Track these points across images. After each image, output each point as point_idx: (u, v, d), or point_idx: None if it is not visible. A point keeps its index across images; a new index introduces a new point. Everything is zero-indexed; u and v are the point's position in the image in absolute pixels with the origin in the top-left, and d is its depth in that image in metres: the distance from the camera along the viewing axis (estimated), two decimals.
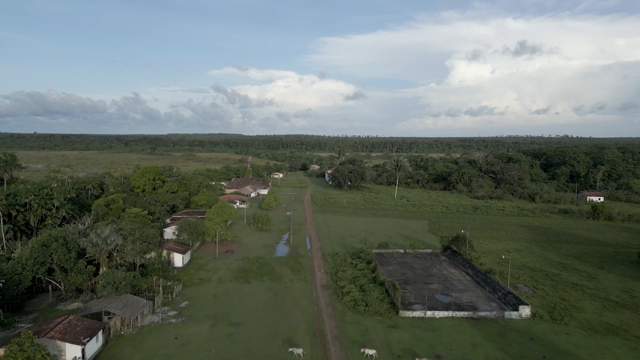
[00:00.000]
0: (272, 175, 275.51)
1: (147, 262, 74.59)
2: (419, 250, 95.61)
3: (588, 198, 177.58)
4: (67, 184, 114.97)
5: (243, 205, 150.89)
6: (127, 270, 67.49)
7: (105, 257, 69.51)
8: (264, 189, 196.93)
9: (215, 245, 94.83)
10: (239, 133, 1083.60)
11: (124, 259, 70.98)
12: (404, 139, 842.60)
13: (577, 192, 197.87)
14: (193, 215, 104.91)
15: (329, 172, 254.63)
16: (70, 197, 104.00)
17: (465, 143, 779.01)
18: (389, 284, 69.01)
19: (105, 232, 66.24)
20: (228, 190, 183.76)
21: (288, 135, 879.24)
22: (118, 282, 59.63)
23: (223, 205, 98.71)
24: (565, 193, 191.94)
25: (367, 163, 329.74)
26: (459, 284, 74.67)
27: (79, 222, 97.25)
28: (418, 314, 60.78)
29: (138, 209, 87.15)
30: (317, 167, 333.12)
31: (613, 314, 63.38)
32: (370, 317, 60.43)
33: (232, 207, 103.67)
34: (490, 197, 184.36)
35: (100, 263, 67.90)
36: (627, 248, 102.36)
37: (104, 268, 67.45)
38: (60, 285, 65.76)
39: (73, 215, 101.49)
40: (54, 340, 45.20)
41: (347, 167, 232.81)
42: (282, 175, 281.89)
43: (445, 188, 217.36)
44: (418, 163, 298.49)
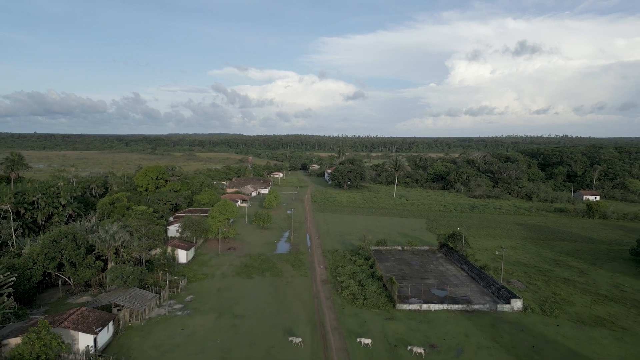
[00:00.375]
0: (272, 175, 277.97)
1: (152, 257, 77.18)
2: (417, 248, 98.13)
3: (584, 197, 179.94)
4: (72, 183, 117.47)
5: (244, 204, 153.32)
6: (134, 266, 69.94)
7: (113, 252, 72.00)
8: (265, 189, 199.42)
9: (218, 243, 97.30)
10: (239, 133, 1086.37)
11: (131, 255, 73.52)
12: (404, 139, 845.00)
13: (573, 191, 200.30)
14: (196, 214, 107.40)
15: (329, 171, 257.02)
16: (76, 195, 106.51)
17: (465, 143, 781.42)
18: (387, 279, 71.50)
19: (113, 228, 68.75)
20: (229, 190, 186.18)
21: (288, 135, 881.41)
22: (126, 276, 62.14)
23: (225, 204, 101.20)
24: (562, 192, 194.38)
25: (366, 163, 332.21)
26: (455, 279, 77.15)
27: (85, 220, 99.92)
28: (414, 307, 63.28)
29: (144, 207, 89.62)
30: (317, 166, 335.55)
31: (602, 307, 65.85)
32: (368, 309, 62.95)
33: (234, 205, 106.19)
34: (488, 196, 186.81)
35: (109, 258, 70.40)
36: (619, 245, 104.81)
37: (112, 263, 69.93)
38: (70, 280, 68.29)
39: (79, 214, 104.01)
40: (68, 330, 47.72)
41: (346, 166, 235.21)
42: (282, 175, 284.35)
43: (444, 187, 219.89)
44: (417, 163, 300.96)
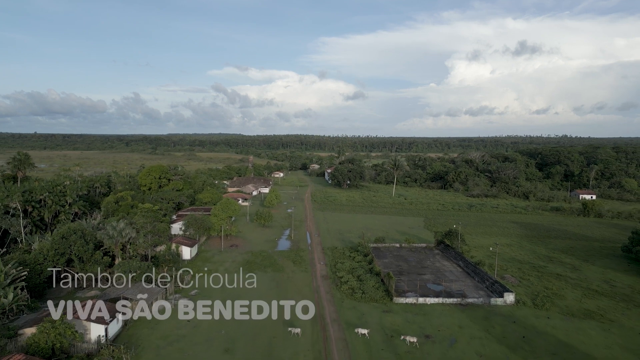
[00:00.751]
0: (272, 175, 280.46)
1: (157, 254, 79.60)
2: (414, 245, 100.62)
3: (580, 196, 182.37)
4: (77, 182, 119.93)
5: (245, 203, 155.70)
6: (140, 261, 72.40)
7: (120, 249, 74.46)
8: (265, 188, 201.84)
9: (221, 240, 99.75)
10: (239, 133, 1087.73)
11: (137, 251, 75.99)
12: (404, 139, 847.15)
13: (570, 190, 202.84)
14: (198, 212, 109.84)
15: (329, 171, 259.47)
16: (82, 194, 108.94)
17: (465, 143, 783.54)
18: (384, 274, 73.96)
19: (121, 225, 71.22)
20: (230, 189, 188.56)
21: (288, 135, 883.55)
22: (133, 271, 64.59)
23: (228, 202, 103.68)
24: (559, 191, 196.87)
25: (366, 163, 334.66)
26: (450, 275, 79.63)
27: (91, 218, 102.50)
28: (410, 301, 65.77)
29: (150, 205, 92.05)
30: (317, 166, 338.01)
31: (592, 301, 68.35)
32: (367, 303, 65.45)
33: (236, 203, 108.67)
34: (486, 195, 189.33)
35: (116, 254, 72.85)
36: (612, 243, 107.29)
37: (119, 259, 72.38)
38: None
39: (84, 212, 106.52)
40: (80, 320, 50.16)
41: (346, 166, 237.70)
42: (282, 175, 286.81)
43: (443, 187, 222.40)
44: (416, 162, 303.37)
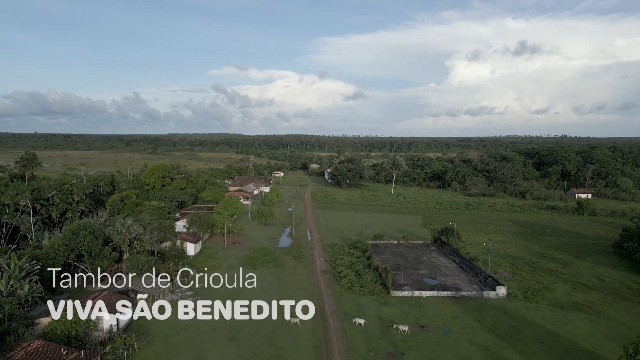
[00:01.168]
0: (273, 174, 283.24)
1: (163, 250, 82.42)
2: (411, 242, 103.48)
3: (576, 195, 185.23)
4: (83, 181, 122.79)
5: (247, 202, 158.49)
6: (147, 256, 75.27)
7: (127, 244, 77.31)
8: (266, 187, 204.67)
9: (224, 237, 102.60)
10: (239, 133, 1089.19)
11: (143, 247, 78.82)
12: (403, 139, 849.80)
13: (566, 189, 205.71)
14: (202, 210, 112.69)
15: (329, 171, 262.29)
16: (88, 192, 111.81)
17: (464, 143, 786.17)
18: (382, 269, 76.84)
19: (128, 222, 74.07)
20: (231, 188, 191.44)
21: (288, 135, 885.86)
22: (141, 265, 67.45)
23: (230, 200, 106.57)
24: (555, 190, 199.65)
25: (365, 162, 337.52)
26: (446, 270, 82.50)
27: (97, 215, 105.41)
28: (407, 294, 68.65)
29: (156, 202, 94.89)
30: (317, 166, 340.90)
31: (581, 294, 71.25)
32: (365, 296, 68.35)
33: (238, 201, 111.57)
34: (483, 194, 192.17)
35: (124, 250, 75.73)
36: (604, 240, 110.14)
37: (127, 254, 75.25)
38: (88, 270, 73.54)
39: (90, 210, 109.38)
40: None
41: (346, 166, 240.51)
42: (282, 174, 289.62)
43: (441, 186, 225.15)
44: (415, 162, 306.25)
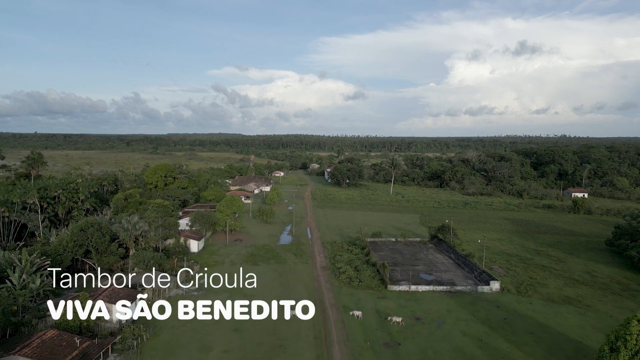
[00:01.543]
0: (273, 174, 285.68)
1: (167, 247, 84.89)
2: (409, 239, 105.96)
3: (573, 194, 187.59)
4: (88, 180, 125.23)
5: (248, 201, 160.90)
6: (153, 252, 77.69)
7: (132, 241, 79.72)
8: (267, 186, 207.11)
9: (226, 235, 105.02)
10: (239, 133, 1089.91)
11: (148, 244, 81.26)
12: (403, 139, 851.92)
13: (563, 189, 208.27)
14: (204, 209, 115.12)
15: (328, 170, 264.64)
16: (93, 191, 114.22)
17: (464, 143, 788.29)
18: (380, 265, 79.29)
19: (135, 219, 76.50)
20: (232, 188, 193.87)
21: (288, 135, 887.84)
22: (147, 260, 69.88)
23: (232, 199, 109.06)
24: (552, 190, 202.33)
25: (365, 162, 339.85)
26: (442, 266, 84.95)
27: (102, 214, 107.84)
28: (404, 288, 71.10)
29: (160, 200, 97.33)
30: (316, 166, 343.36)
31: (572, 289, 73.72)
32: (363, 290, 70.79)
33: (240, 200, 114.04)
34: (481, 193, 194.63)
35: (129, 246, 78.16)
36: (598, 238, 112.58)
37: (133, 250, 77.68)
38: (95, 265, 75.96)
39: (95, 208, 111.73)
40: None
41: (345, 165, 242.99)
42: (283, 174, 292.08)
43: (439, 185, 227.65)
44: (414, 162, 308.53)
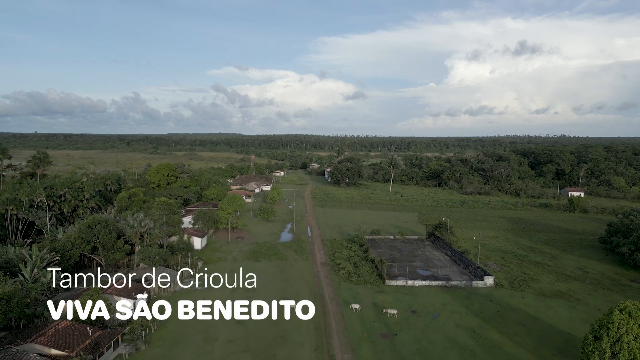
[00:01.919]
0: (273, 173, 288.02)
1: (171, 243, 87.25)
2: (407, 237, 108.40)
3: (569, 194, 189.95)
4: (93, 179, 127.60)
5: (249, 200, 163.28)
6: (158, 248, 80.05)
7: (138, 238, 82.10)
8: (267, 186, 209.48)
9: (228, 232, 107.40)
10: (239, 133, 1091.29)
11: (153, 240, 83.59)
12: (402, 139, 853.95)
13: (560, 188, 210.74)
14: (207, 207, 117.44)
15: (328, 170, 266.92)
16: (98, 190, 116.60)
17: (463, 143, 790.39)
18: (378, 261, 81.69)
19: (140, 216, 78.90)
20: (233, 187, 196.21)
21: (288, 135, 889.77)
22: (153, 256, 72.29)
23: (234, 197, 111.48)
24: (549, 189, 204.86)
25: (365, 162, 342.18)
26: (439, 262, 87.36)
27: (106, 212, 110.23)
28: (401, 283, 73.54)
29: (165, 198, 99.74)
30: (316, 165, 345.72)
31: (564, 284, 76.19)
32: (361, 285, 73.24)
33: (242, 198, 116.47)
34: (479, 192, 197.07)
35: (135, 243, 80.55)
36: (592, 235, 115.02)
37: (138, 247, 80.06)
38: (102, 261, 78.41)
39: (99, 206, 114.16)
40: (112, 296, 57.86)
41: (345, 165, 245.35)
42: (283, 173, 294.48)
43: (438, 185, 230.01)
44: (413, 162, 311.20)
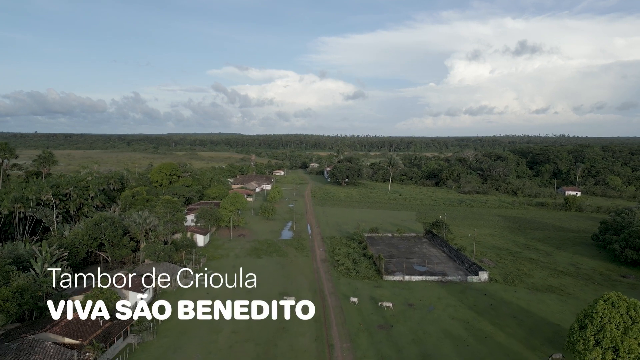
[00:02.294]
0: (274, 173, 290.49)
1: (175, 240, 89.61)
2: (405, 234, 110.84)
3: (566, 193, 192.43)
4: (97, 178, 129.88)
5: (249, 199, 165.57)
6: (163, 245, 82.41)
7: (143, 235, 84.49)
8: (267, 185, 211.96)
9: (230, 230, 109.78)
10: (239, 133, 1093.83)
11: (158, 237, 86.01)
12: (402, 139, 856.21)
13: (556, 187, 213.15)
14: (209, 205, 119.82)
15: (328, 169, 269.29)
16: (102, 188, 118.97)
17: (463, 142, 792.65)
18: (376, 257, 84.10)
19: (145, 214, 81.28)
20: (234, 186, 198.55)
21: (288, 135, 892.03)
22: (158, 252, 74.67)
23: (236, 196, 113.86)
24: (546, 188, 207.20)
25: (364, 161, 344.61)
26: (435, 259, 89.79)
27: (110, 210, 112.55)
28: (398, 278, 75.95)
29: (169, 196, 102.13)
30: (316, 165, 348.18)
31: (556, 279, 78.59)
32: (360, 280, 75.67)
33: (243, 197, 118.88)
34: (477, 192, 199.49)
35: (140, 240, 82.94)
36: (586, 233, 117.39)
37: (143, 244, 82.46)
38: (109, 258, 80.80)
39: (104, 205, 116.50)
40: (121, 289, 60.18)
41: (345, 164, 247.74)
42: (283, 173, 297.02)
43: (437, 184, 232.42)
44: (412, 161, 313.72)
